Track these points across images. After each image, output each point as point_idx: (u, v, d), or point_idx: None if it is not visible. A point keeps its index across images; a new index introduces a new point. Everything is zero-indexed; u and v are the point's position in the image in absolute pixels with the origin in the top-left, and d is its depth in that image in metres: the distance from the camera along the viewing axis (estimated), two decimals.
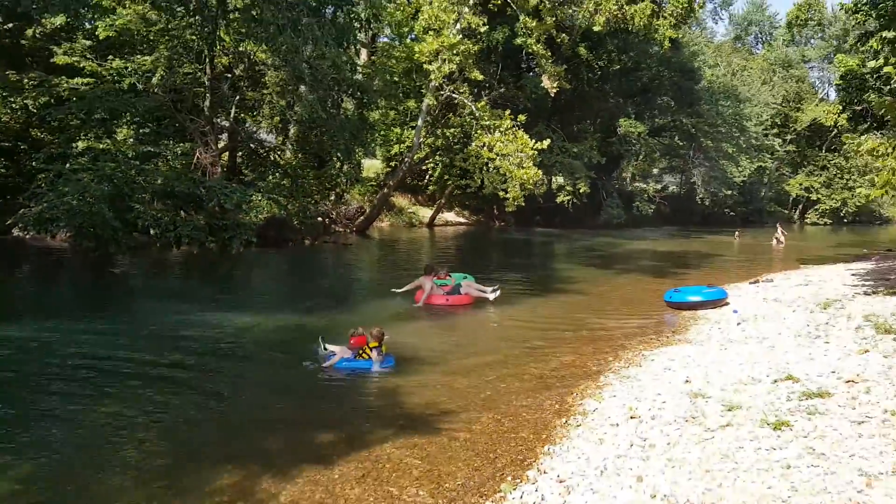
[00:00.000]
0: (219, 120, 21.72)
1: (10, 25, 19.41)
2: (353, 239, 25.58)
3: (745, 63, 57.74)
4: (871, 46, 20.28)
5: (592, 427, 6.01)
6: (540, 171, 24.15)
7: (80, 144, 16.76)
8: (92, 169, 15.41)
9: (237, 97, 21.76)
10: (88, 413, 6.28)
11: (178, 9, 19.15)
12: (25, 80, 17.76)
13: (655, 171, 51.87)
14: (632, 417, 6.10)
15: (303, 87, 20.36)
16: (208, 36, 19.27)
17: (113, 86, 18.28)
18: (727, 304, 12.82)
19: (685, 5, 31.37)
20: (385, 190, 29.00)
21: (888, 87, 20.22)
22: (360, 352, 8.15)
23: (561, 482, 4.86)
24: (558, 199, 32.59)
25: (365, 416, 6.64)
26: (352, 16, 22.00)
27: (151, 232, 15.87)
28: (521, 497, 4.69)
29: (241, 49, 21.96)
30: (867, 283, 14.44)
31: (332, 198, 26.01)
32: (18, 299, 12.29)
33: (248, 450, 5.63)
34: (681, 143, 44.00)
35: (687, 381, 7.13)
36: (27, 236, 15.85)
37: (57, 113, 16.99)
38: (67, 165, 16.10)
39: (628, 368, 8.16)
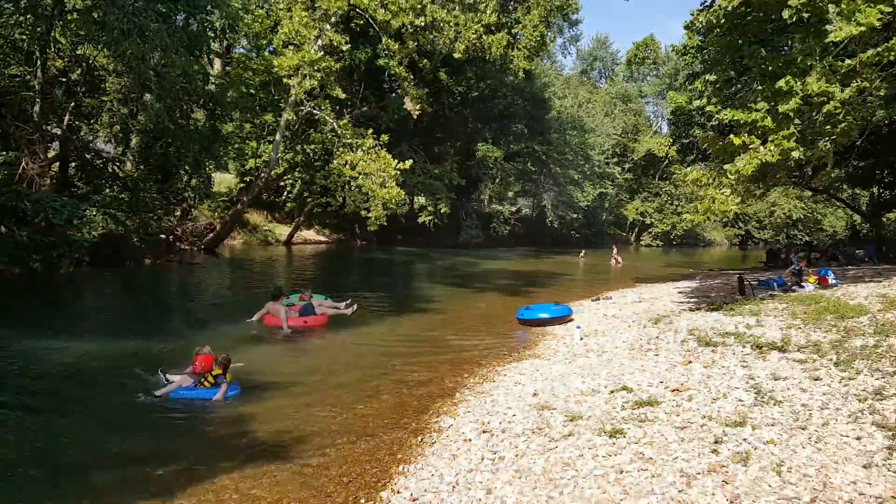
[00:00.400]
0: (49, 127, 19.60)
1: None
2: (201, 258, 24.19)
3: (590, 96, 62.92)
4: (697, 87, 22.90)
5: (447, 443, 6.20)
6: (402, 190, 24.52)
7: None
8: None
9: (72, 103, 19.80)
10: None
11: (6, 5, 17.15)
12: None
13: (510, 194, 54.71)
14: (484, 431, 6.39)
15: (148, 96, 19.00)
16: (41, 37, 17.41)
17: None
18: (572, 320, 13.74)
19: (537, 39, 33.81)
20: (238, 206, 27.72)
21: (710, 123, 22.87)
22: (202, 379, 7.77)
23: (414, 500, 5.02)
24: (420, 219, 33.26)
25: (208, 447, 6.34)
26: (206, 24, 20.94)
27: None
28: None
29: (79, 52, 20.11)
30: (692, 299, 15.84)
31: (179, 213, 24.34)
32: None
33: (77, 491, 5.27)
34: (533, 169, 46.86)
35: (535, 395, 7.56)
36: None
37: None
38: None
39: (482, 384, 8.50)
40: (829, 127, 11.00)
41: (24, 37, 17.81)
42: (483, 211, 49.37)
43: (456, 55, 29.66)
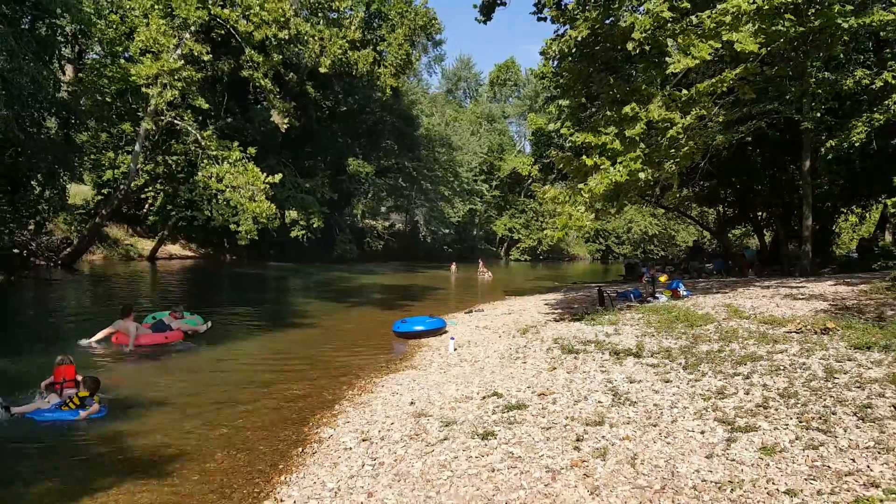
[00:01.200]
0: None
1: None
2: (58, 274, 23.20)
3: (456, 114, 65.82)
4: (552, 111, 24.75)
5: (327, 453, 6.48)
6: (273, 205, 24.84)
7: None
8: None
9: None
10: None
11: None
12: None
13: (383, 209, 56.05)
14: (364, 440, 6.73)
15: None
16: None
17: None
18: (446, 331, 14.42)
19: (403, 56, 35.59)
20: (97, 219, 26.64)
21: (567, 144, 24.05)
22: (68, 401, 7.63)
23: None
24: (292, 234, 33.44)
25: (83, 464, 6.28)
26: (55, 28, 20.33)
27: None
28: None
29: None
30: (557, 311, 16.79)
31: (32, 227, 23.09)
32: None
33: None
34: (404, 185, 48.46)
35: (412, 403, 8.00)
36: None
37: None
38: None
39: (361, 395, 8.87)
40: (672, 150, 12.17)
41: None
42: (356, 226, 50.25)
43: (322, 69, 30.48)
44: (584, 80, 13.70)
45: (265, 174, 24.42)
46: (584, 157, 12.20)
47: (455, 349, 11.96)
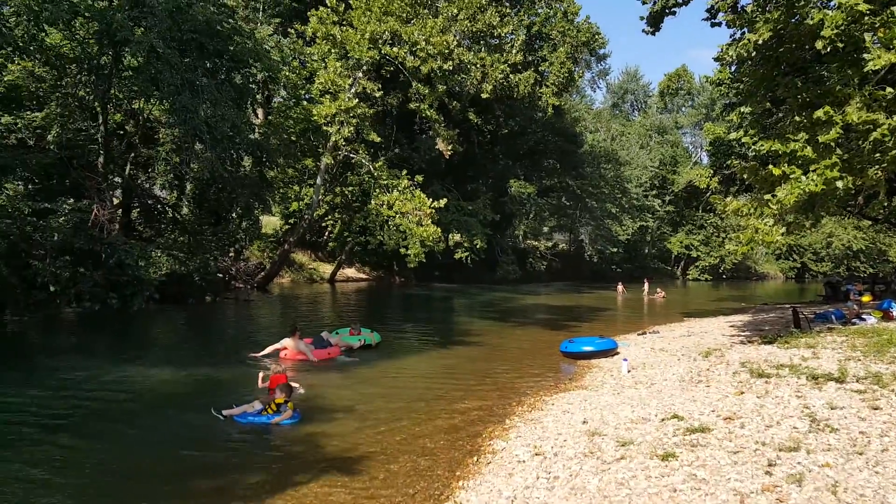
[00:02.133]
0: (112, 176, 22.54)
1: None
2: (254, 295, 26.61)
3: (622, 129, 64.53)
4: (733, 119, 23.41)
5: (501, 464, 6.81)
6: (438, 228, 26.56)
7: None
8: None
9: (131, 154, 22.76)
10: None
11: (70, 67, 20.27)
12: None
13: (546, 229, 56.44)
14: (536, 454, 6.90)
15: (199, 145, 21.71)
16: (103, 94, 20.46)
17: (1, 141, 18.86)
18: (618, 353, 14.35)
19: (565, 75, 36.06)
20: (285, 246, 30.36)
21: (751, 153, 22.68)
22: (267, 406, 8.67)
23: None
24: (456, 256, 35.10)
25: (286, 461, 7.19)
26: (248, 77, 23.84)
27: (51, 288, 16.38)
28: None
29: (134, 106, 23.21)
30: (744, 333, 16.17)
31: (232, 254, 27.10)
32: None
33: (176, 492, 6.18)
34: (568, 203, 48.55)
35: (584, 422, 8.03)
36: None
37: None
38: None
39: (531, 412, 9.17)
40: (877, 155, 11.07)
41: (87, 94, 20.81)
42: (518, 246, 51.12)
43: (484, 95, 31.93)
44: (768, 84, 13.03)
45: (431, 200, 26.31)
46: (770, 166, 11.61)
47: (629, 371, 11.91)
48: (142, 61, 19.17)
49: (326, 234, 37.05)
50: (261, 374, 10.34)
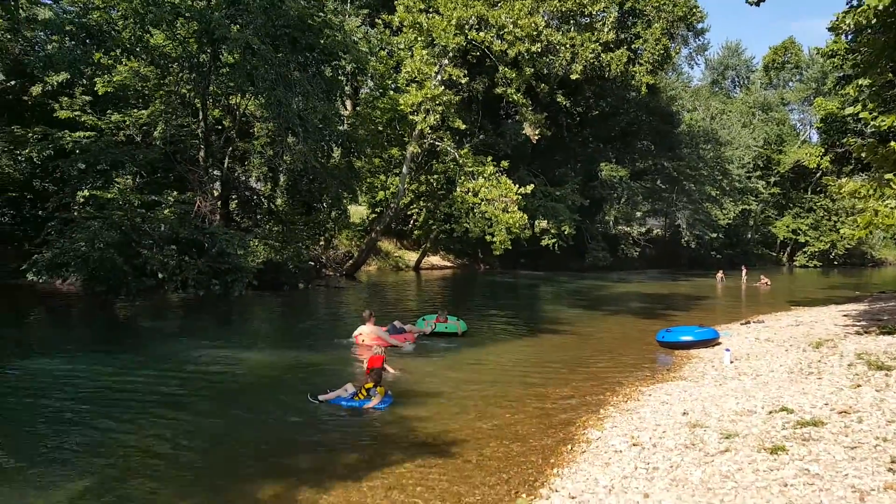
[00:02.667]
0: (212, 170, 24.04)
1: (14, 83, 21.76)
2: (343, 282, 27.68)
3: (723, 107, 61.64)
4: (849, 92, 22.01)
5: (597, 453, 6.81)
6: (525, 215, 26.60)
7: (83, 194, 18.77)
8: (101, 217, 17.51)
9: (229, 148, 24.16)
10: (112, 443, 7.09)
11: (172, 65, 21.75)
12: (29, 134, 19.87)
13: (639, 214, 54.94)
14: (634, 444, 6.88)
15: (291, 138, 22.81)
16: (203, 91, 21.83)
17: (111, 138, 20.52)
18: (719, 343, 14.00)
19: (661, 52, 34.91)
20: (372, 235, 31.35)
21: (868, 130, 21.34)
22: (359, 391, 8.96)
23: (573, 498, 5.61)
24: (543, 242, 34.98)
25: (381, 442, 7.49)
26: (338, 70, 24.64)
27: (159, 276, 17.79)
28: None
29: (230, 102, 24.59)
30: (859, 323, 15.44)
31: (322, 243, 28.30)
32: (38, 339, 13.84)
33: (280, 467, 6.58)
34: (663, 187, 47.08)
35: (685, 414, 7.94)
36: (40, 281, 17.51)
37: (64, 165, 19.05)
38: (76, 214, 18.24)
39: (627, 402, 9.07)
40: None
41: (188, 91, 22.33)
42: (609, 233, 50.17)
43: (573, 76, 31.60)
44: (890, 54, 12.48)
45: (517, 186, 26.39)
46: (892, 143, 11.22)
47: (731, 361, 11.71)
48: (238, 58, 20.32)
49: (412, 222, 37.85)
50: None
